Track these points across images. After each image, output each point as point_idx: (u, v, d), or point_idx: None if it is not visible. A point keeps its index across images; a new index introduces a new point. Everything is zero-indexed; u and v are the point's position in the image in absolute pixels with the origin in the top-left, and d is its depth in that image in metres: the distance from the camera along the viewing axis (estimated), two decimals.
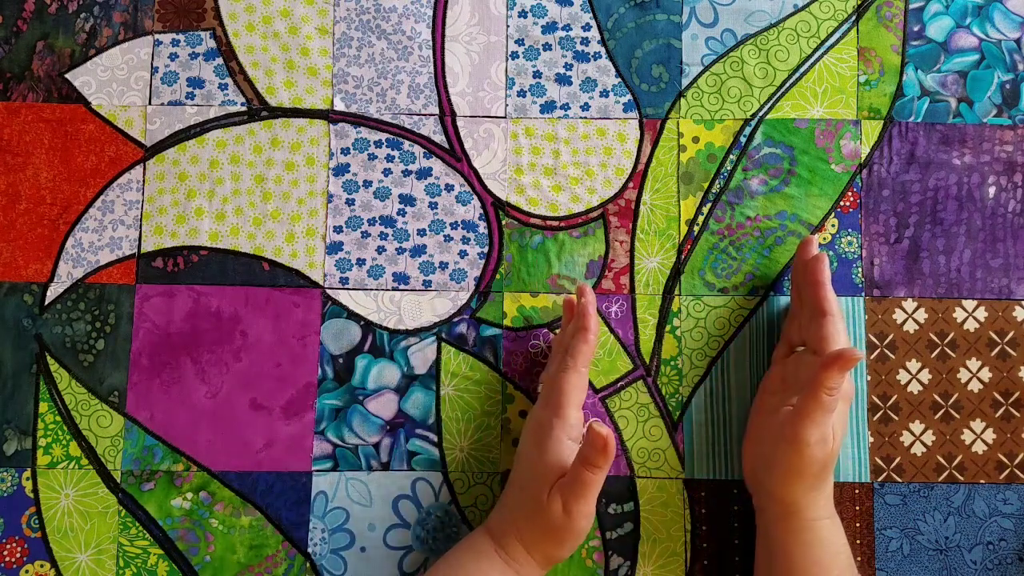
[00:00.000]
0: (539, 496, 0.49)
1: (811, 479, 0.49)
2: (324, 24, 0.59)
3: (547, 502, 0.48)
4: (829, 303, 0.51)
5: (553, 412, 0.50)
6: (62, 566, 0.55)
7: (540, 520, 0.49)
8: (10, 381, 0.56)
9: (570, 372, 0.51)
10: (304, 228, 0.58)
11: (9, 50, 0.58)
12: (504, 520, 0.51)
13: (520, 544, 0.50)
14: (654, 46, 0.59)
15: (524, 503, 0.50)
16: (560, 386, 0.51)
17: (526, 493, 0.50)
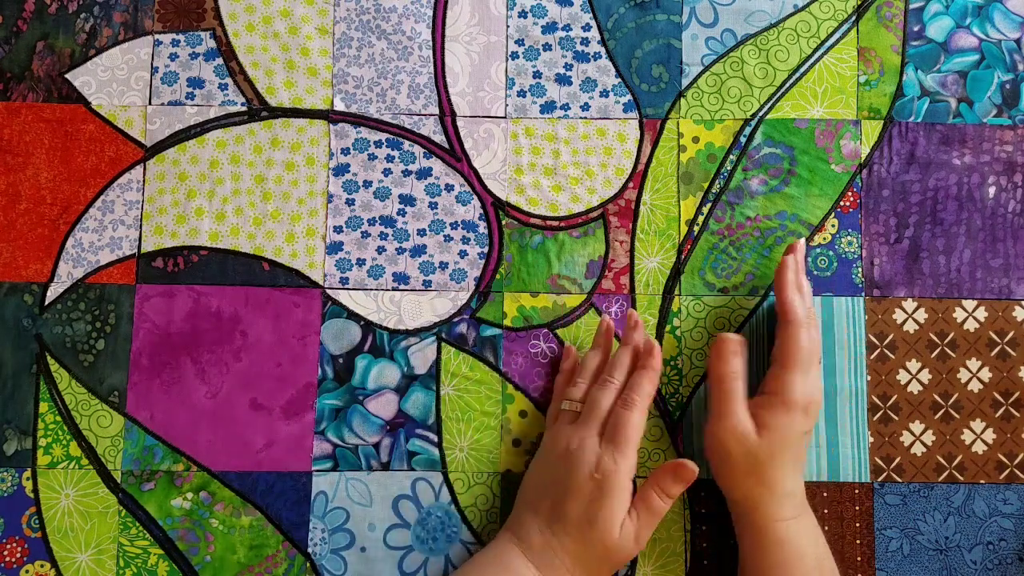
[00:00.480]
0: (608, 532, 0.49)
1: (758, 478, 0.51)
2: (324, 24, 0.59)
3: (620, 536, 0.50)
4: (787, 310, 0.52)
5: (618, 452, 0.50)
6: (62, 566, 0.55)
7: (602, 550, 0.50)
8: (10, 381, 0.56)
9: (636, 411, 0.51)
10: (304, 228, 0.58)
11: (9, 50, 0.58)
12: (549, 545, 0.50)
13: (567, 569, 0.50)
14: (654, 46, 0.59)
15: (582, 535, 0.50)
16: (624, 425, 0.51)
17: (586, 527, 0.50)
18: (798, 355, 0.51)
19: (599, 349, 0.56)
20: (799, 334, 0.51)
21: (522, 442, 0.57)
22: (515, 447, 0.57)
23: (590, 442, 0.51)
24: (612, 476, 0.50)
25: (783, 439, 0.51)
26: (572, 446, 0.51)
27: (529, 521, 0.51)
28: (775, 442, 0.51)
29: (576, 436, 0.52)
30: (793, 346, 0.51)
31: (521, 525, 0.52)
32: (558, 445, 0.52)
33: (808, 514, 0.52)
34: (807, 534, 0.51)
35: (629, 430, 0.51)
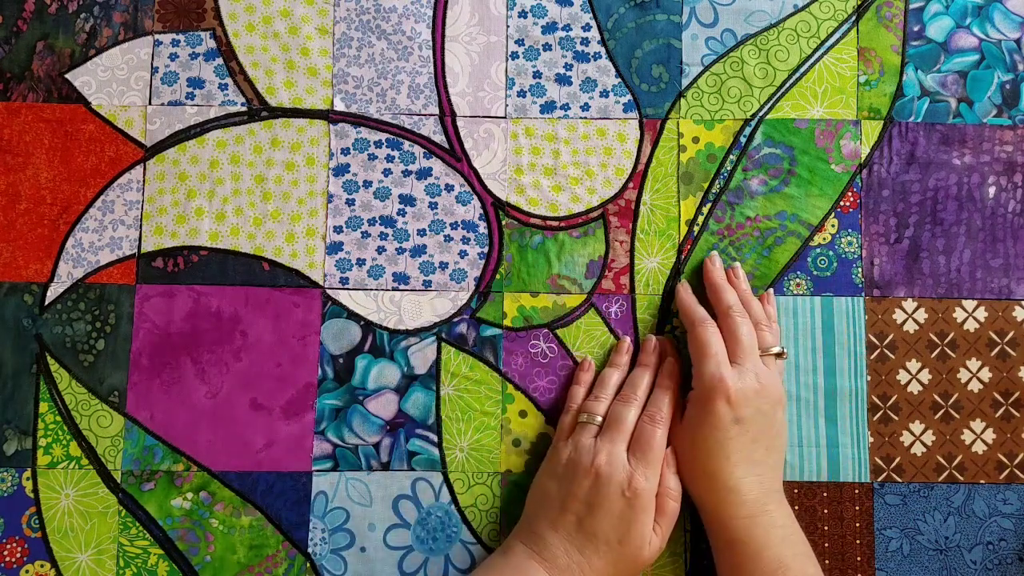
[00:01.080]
0: (640, 549, 0.50)
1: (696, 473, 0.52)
2: (324, 24, 0.59)
3: (648, 551, 0.51)
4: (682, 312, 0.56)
5: (649, 469, 0.51)
6: (62, 566, 0.55)
7: (631, 567, 0.50)
8: (10, 381, 0.56)
9: (662, 428, 0.52)
10: (304, 228, 0.58)
11: (9, 50, 0.58)
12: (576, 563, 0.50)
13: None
14: (654, 46, 0.59)
15: (611, 553, 0.50)
16: (653, 441, 0.52)
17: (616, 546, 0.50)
18: (697, 350, 0.53)
19: (618, 368, 0.56)
20: (694, 332, 0.54)
21: (522, 442, 0.57)
22: (515, 447, 0.57)
23: (619, 458, 0.51)
24: (644, 494, 0.50)
25: (703, 430, 0.51)
26: (600, 461, 0.51)
27: (550, 537, 0.51)
28: (695, 434, 0.52)
29: (604, 451, 0.51)
30: (691, 343, 0.54)
31: (539, 539, 0.51)
32: (582, 459, 0.52)
33: (774, 513, 0.51)
34: (766, 534, 0.50)
35: (659, 447, 0.52)
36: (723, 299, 0.55)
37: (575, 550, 0.50)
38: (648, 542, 0.51)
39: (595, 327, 0.57)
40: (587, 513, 0.50)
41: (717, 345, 0.52)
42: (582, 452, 0.52)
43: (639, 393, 0.54)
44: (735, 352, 0.53)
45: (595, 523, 0.50)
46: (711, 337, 0.53)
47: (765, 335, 0.54)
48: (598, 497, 0.50)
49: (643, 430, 0.52)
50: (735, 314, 0.54)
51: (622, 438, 0.52)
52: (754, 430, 0.51)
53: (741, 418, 0.51)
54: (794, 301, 0.58)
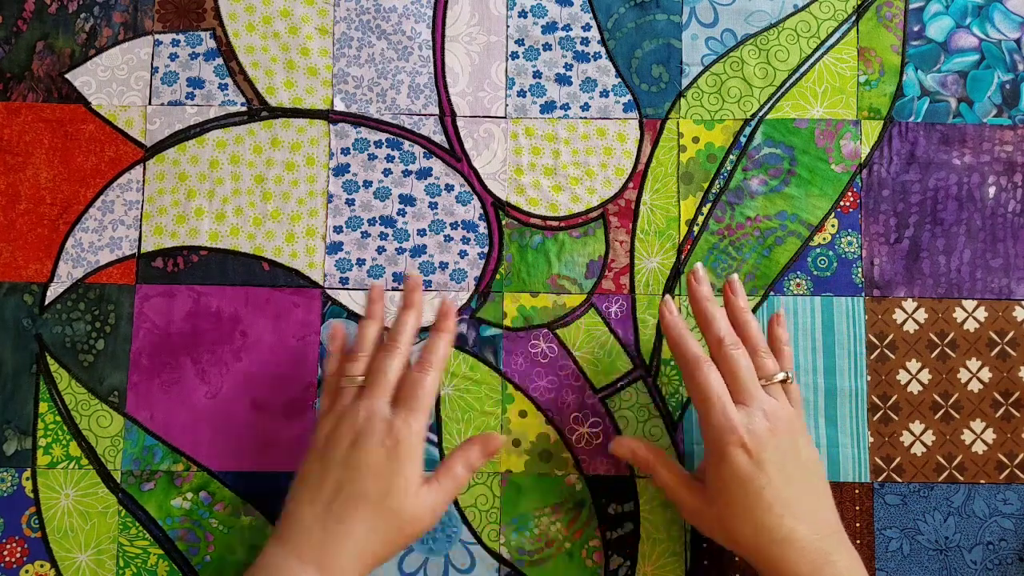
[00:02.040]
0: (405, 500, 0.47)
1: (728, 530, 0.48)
2: (324, 24, 0.59)
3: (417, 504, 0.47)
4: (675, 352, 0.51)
5: (411, 415, 0.48)
6: (62, 566, 0.55)
7: (397, 522, 0.47)
8: (10, 381, 0.56)
9: (432, 374, 0.49)
10: (304, 228, 0.58)
11: (9, 50, 0.58)
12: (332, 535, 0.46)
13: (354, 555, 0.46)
14: (654, 46, 0.59)
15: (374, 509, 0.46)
16: (420, 387, 0.49)
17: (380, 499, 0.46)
18: (697, 396, 0.49)
19: (373, 319, 0.53)
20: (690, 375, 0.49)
21: (522, 442, 0.57)
22: (515, 447, 0.57)
23: (380, 410, 0.48)
24: (406, 440, 0.47)
25: (729, 488, 0.47)
26: (359, 419, 0.48)
27: (304, 515, 0.47)
28: (724, 495, 0.47)
29: (363, 407, 0.48)
30: (689, 387, 0.50)
31: (291, 525, 0.47)
32: (341, 425, 0.48)
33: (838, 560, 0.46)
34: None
35: (425, 393, 0.49)
36: (711, 331, 0.50)
37: (333, 519, 0.46)
38: (414, 494, 0.47)
39: (595, 327, 0.57)
40: (347, 477, 0.47)
41: (719, 387, 0.48)
42: (341, 418, 0.49)
43: (402, 339, 0.51)
44: (736, 392, 0.48)
45: (357, 482, 0.47)
46: (711, 380, 0.48)
47: (764, 363, 0.50)
48: (358, 453, 0.47)
49: (412, 378, 0.49)
50: (728, 347, 0.49)
51: (383, 391, 0.49)
52: (784, 472, 0.47)
53: (763, 463, 0.47)
54: (794, 301, 0.58)
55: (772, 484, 0.46)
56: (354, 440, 0.48)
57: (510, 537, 0.56)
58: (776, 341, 0.53)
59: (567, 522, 0.56)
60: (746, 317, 0.52)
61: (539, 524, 0.56)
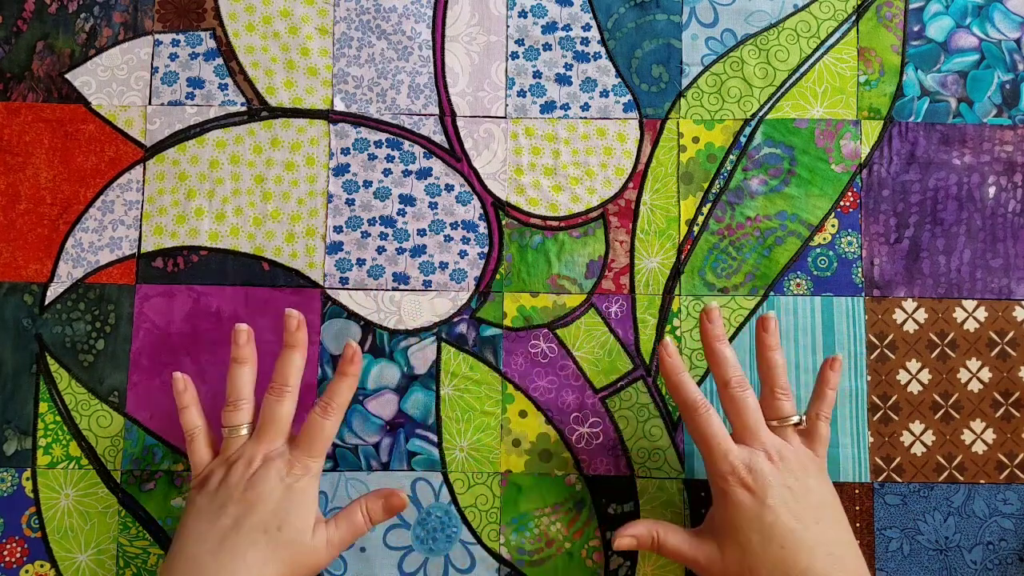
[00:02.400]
0: (301, 533, 0.48)
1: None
2: (324, 24, 0.59)
3: (313, 539, 0.48)
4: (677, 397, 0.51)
5: (312, 458, 0.49)
6: (62, 566, 0.55)
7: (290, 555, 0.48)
8: (10, 381, 0.56)
9: (334, 419, 0.50)
10: (304, 228, 0.58)
11: (9, 50, 0.58)
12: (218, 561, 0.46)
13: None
14: (654, 46, 0.59)
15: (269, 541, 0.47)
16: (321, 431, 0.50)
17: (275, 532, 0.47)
18: (698, 442, 0.49)
19: (245, 362, 0.52)
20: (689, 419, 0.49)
21: (522, 442, 0.57)
22: (515, 447, 0.57)
23: (278, 451, 0.50)
24: (307, 478, 0.49)
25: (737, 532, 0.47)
26: (255, 461, 0.49)
27: (195, 552, 0.47)
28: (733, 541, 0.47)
29: (260, 451, 0.50)
30: (690, 431, 0.50)
31: (181, 563, 0.47)
32: (234, 469, 0.49)
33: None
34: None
35: (325, 437, 0.50)
36: (720, 372, 0.50)
37: (228, 554, 0.46)
38: (310, 530, 0.48)
39: (595, 327, 0.57)
40: (244, 511, 0.47)
41: (717, 430, 0.48)
42: (235, 463, 0.49)
43: (290, 382, 0.51)
44: (740, 433, 0.49)
45: (252, 518, 0.47)
46: (710, 423, 0.48)
47: (778, 404, 0.50)
48: (254, 491, 0.48)
49: (311, 422, 0.50)
50: (733, 389, 0.49)
51: (278, 435, 0.50)
52: (792, 510, 0.46)
53: (767, 502, 0.46)
54: (794, 301, 0.58)
55: (780, 521, 0.46)
56: (251, 479, 0.49)
57: (510, 537, 0.56)
58: (821, 384, 0.52)
59: (567, 522, 0.56)
60: (771, 356, 0.51)
61: (539, 524, 0.56)
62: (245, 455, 0.50)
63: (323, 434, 0.50)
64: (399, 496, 0.51)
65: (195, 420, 0.53)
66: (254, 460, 0.49)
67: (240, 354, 0.52)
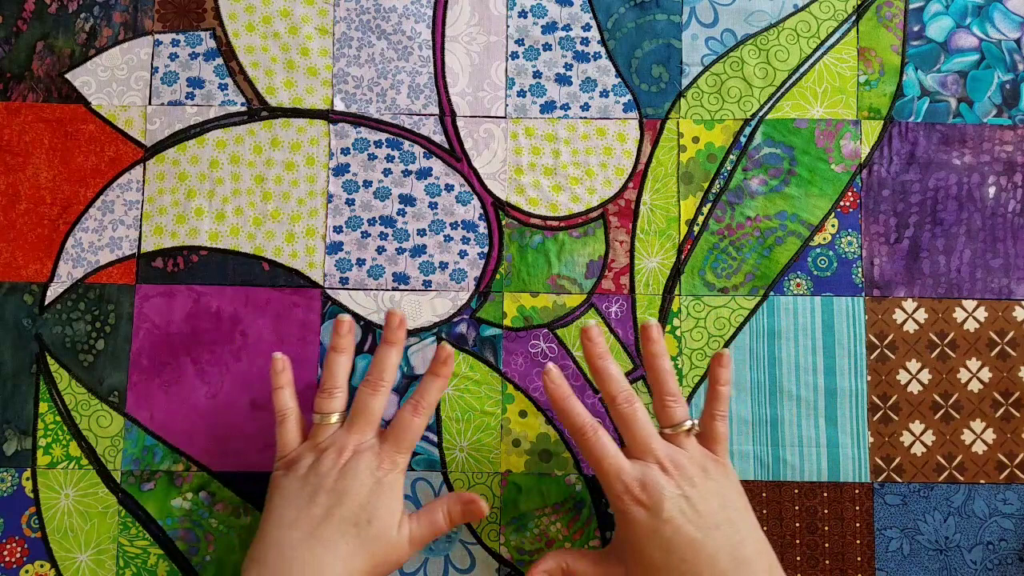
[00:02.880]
0: (388, 528, 0.48)
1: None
2: (324, 24, 0.59)
3: (398, 535, 0.49)
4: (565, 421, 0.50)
5: (401, 453, 0.50)
6: (62, 566, 0.55)
7: (377, 548, 0.48)
8: (10, 381, 0.56)
9: (423, 418, 0.51)
10: (304, 228, 0.58)
11: (9, 50, 0.58)
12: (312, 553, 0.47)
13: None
14: (654, 46, 0.59)
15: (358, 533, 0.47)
16: (411, 430, 0.50)
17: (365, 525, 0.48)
18: (590, 461, 0.49)
19: (344, 352, 0.53)
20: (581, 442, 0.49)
21: (522, 442, 0.57)
22: (515, 447, 0.57)
23: (368, 444, 0.50)
24: (393, 473, 0.49)
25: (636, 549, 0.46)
26: (347, 451, 0.49)
27: (287, 538, 0.47)
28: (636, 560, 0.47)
29: (351, 441, 0.50)
30: (582, 452, 0.49)
31: (272, 549, 0.47)
32: (326, 457, 0.49)
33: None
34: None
35: (413, 435, 0.50)
36: (605, 389, 0.50)
37: (321, 543, 0.47)
38: (396, 525, 0.48)
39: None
40: (335, 503, 0.48)
41: (609, 448, 0.48)
42: (326, 451, 0.50)
43: (387, 377, 0.51)
44: (631, 447, 0.49)
45: (343, 509, 0.47)
46: (600, 442, 0.48)
47: (669, 411, 0.50)
48: (345, 483, 0.48)
49: (401, 419, 0.50)
50: (621, 405, 0.49)
51: (370, 427, 0.51)
52: (689, 519, 0.46)
53: (663, 516, 0.46)
54: (794, 301, 0.58)
55: (680, 533, 0.45)
56: (343, 469, 0.49)
57: (510, 537, 0.56)
58: (714, 383, 0.51)
59: (567, 522, 0.56)
60: (658, 363, 0.51)
61: (539, 524, 0.56)
62: (336, 444, 0.50)
63: (412, 431, 0.50)
64: (479, 505, 0.51)
65: (288, 402, 0.52)
66: (345, 450, 0.49)
67: (340, 344, 0.53)
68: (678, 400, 0.50)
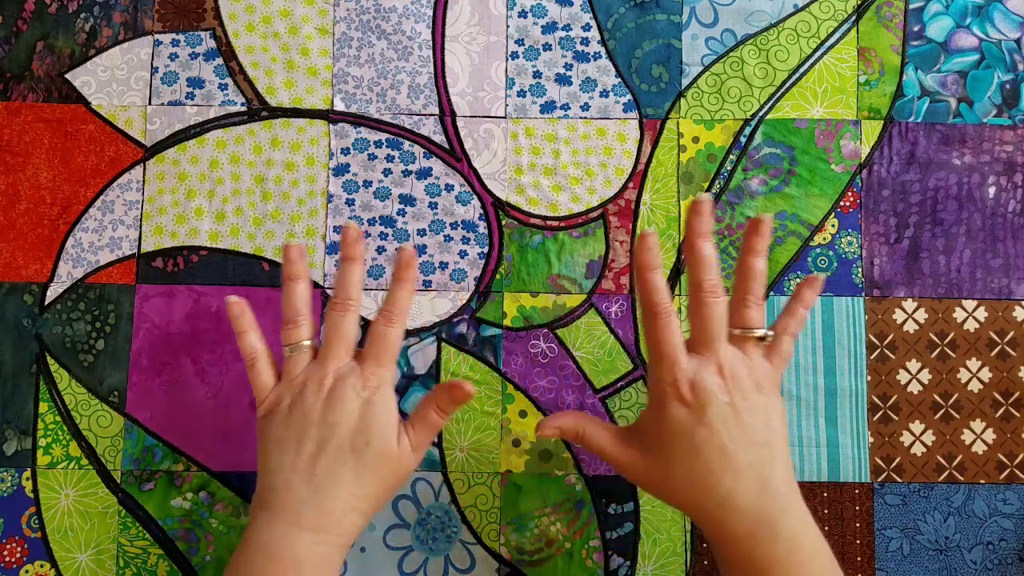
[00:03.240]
0: (388, 445, 0.46)
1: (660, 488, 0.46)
2: (324, 24, 0.59)
3: (399, 448, 0.46)
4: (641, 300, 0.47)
5: (383, 367, 0.47)
6: (62, 566, 0.55)
7: (383, 467, 0.46)
8: (10, 381, 0.56)
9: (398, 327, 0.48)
10: (304, 228, 0.58)
11: (9, 50, 0.58)
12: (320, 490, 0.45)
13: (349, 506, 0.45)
14: (654, 46, 0.59)
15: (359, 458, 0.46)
16: (388, 341, 0.48)
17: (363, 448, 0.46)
18: (649, 349, 0.47)
19: (300, 278, 0.50)
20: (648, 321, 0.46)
21: (522, 442, 0.57)
22: (515, 447, 0.57)
23: (347, 367, 0.47)
24: (380, 390, 0.47)
25: (665, 443, 0.45)
26: (327, 379, 0.47)
27: (288, 480, 0.45)
28: (659, 451, 0.45)
29: (329, 367, 0.47)
30: (646, 336, 0.47)
31: (276, 493, 0.45)
32: (307, 388, 0.47)
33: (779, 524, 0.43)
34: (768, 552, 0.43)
35: (392, 345, 0.48)
36: (695, 272, 0.46)
37: (322, 477, 0.45)
38: (395, 439, 0.46)
39: (595, 327, 0.57)
40: (327, 434, 0.46)
41: (672, 340, 0.45)
42: (305, 382, 0.47)
43: (353, 294, 0.49)
44: (694, 339, 0.46)
45: (337, 439, 0.46)
46: (664, 332, 0.46)
47: (746, 313, 0.47)
48: (333, 411, 0.46)
49: (375, 332, 0.48)
50: (705, 294, 0.46)
51: (346, 350, 0.48)
52: (729, 428, 0.44)
53: (705, 418, 0.44)
54: None
55: (713, 441, 0.44)
56: (327, 399, 0.46)
57: (510, 537, 0.56)
58: (794, 301, 0.50)
59: (567, 522, 0.56)
60: (752, 261, 0.47)
61: (539, 524, 0.56)
62: (315, 375, 0.47)
63: (389, 342, 0.48)
64: (464, 387, 0.47)
65: (255, 343, 0.49)
66: (325, 379, 0.47)
67: (293, 271, 0.50)
68: (759, 304, 0.47)
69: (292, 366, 0.48)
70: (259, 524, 0.45)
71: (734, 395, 0.45)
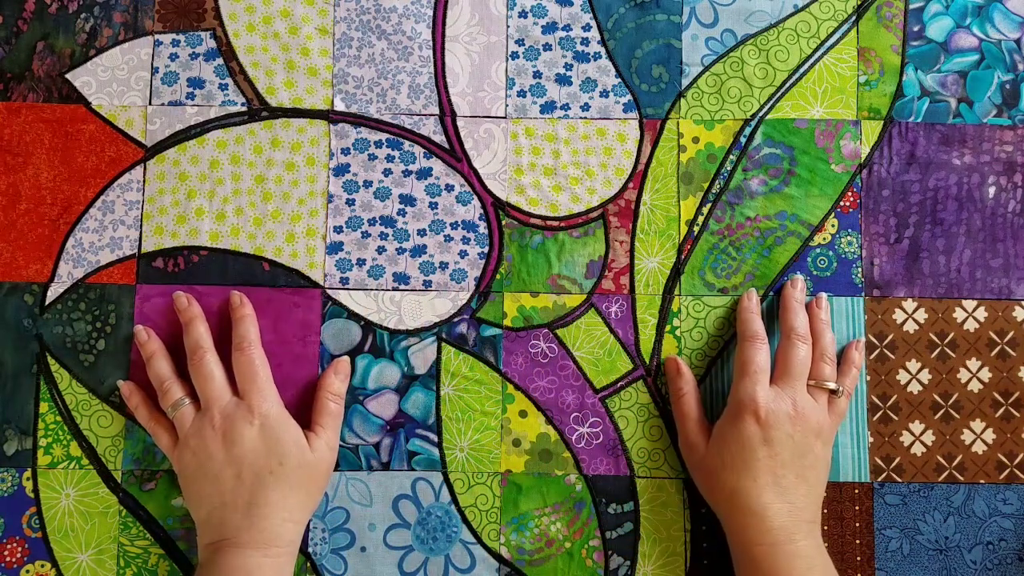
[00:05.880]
0: (302, 454, 0.51)
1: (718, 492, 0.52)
2: (324, 24, 0.59)
3: (315, 453, 0.52)
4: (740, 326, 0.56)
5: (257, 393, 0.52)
6: (62, 566, 0.55)
7: (305, 475, 0.51)
8: (10, 381, 0.56)
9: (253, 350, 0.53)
10: (304, 228, 0.58)
11: (9, 50, 0.58)
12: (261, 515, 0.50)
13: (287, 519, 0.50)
14: (654, 46, 0.59)
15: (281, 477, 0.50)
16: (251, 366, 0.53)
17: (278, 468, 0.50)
18: (739, 366, 0.54)
19: (157, 353, 0.55)
20: (741, 346, 0.54)
21: (522, 442, 0.57)
22: (515, 447, 0.57)
23: (231, 404, 0.52)
24: (270, 412, 0.51)
25: (730, 446, 0.51)
26: (216, 423, 0.51)
27: (225, 517, 0.50)
28: (722, 449, 0.52)
29: (214, 412, 0.51)
30: (737, 357, 0.55)
31: (216, 530, 0.50)
32: (203, 439, 0.51)
33: (800, 543, 0.50)
34: (788, 564, 0.49)
35: (258, 368, 0.53)
36: (787, 320, 0.55)
37: (254, 506, 0.50)
38: (307, 447, 0.52)
39: (595, 327, 0.58)
40: (240, 471, 0.50)
41: (760, 363, 0.53)
42: (199, 434, 0.51)
43: (204, 343, 0.54)
44: (780, 374, 0.53)
45: (251, 471, 0.50)
46: (755, 355, 0.53)
47: (822, 367, 0.54)
48: (235, 449, 0.50)
49: (237, 363, 0.53)
50: (795, 337, 0.54)
51: (221, 391, 0.52)
52: (784, 455, 0.51)
53: (770, 439, 0.51)
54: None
55: (768, 460, 0.51)
56: (223, 438, 0.51)
57: (510, 537, 0.56)
58: (847, 363, 0.56)
59: (567, 522, 0.56)
60: (823, 328, 0.55)
61: (539, 524, 0.56)
62: (205, 421, 0.51)
63: (253, 366, 0.52)
64: (338, 362, 0.55)
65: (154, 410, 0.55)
66: (214, 421, 0.51)
67: (146, 350, 0.55)
68: (833, 364, 0.55)
69: (182, 422, 0.53)
70: (209, 551, 0.50)
71: (796, 431, 0.51)
